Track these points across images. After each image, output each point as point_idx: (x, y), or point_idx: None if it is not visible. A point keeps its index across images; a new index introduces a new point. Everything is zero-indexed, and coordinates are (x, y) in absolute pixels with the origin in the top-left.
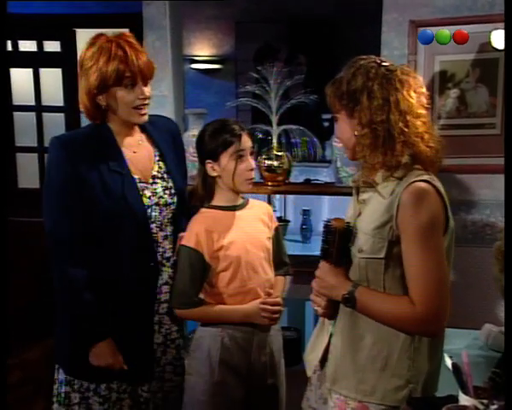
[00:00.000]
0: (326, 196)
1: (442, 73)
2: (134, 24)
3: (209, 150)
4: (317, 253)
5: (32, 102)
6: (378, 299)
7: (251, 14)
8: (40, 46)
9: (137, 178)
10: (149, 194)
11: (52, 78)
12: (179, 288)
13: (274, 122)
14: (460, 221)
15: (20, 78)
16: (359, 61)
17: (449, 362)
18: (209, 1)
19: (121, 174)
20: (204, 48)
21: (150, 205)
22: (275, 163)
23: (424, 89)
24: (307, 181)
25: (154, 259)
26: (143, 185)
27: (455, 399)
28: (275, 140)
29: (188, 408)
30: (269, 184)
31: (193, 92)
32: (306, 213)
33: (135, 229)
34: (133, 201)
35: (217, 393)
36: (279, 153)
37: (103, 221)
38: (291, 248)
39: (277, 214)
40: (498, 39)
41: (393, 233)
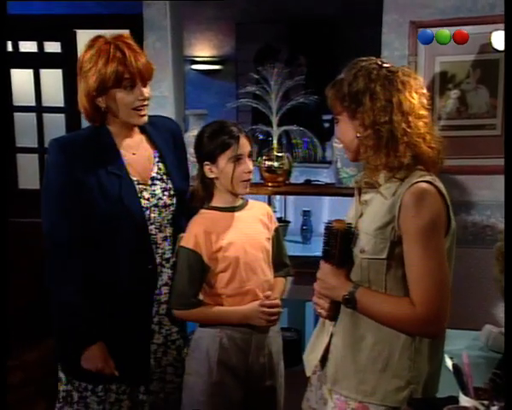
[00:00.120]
0: (326, 197)
1: (442, 74)
2: (134, 25)
3: (207, 152)
4: (318, 254)
5: (33, 103)
6: (378, 300)
7: (251, 15)
8: (41, 47)
9: (136, 180)
10: (148, 196)
11: (52, 78)
12: (178, 289)
13: (274, 123)
14: (460, 222)
15: (21, 78)
16: (360, 63)
17: (449, 363)
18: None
19: (119, 177)
20: (204, 49)
21: (149, 207)
22: (275, 164)
23: (425, 90)
24: (307, 182)
25: (153, 261)
26: (142, 187)
27: (455, 400)
28: (275, 141)
29: (187, 408)
30: (269, 185)
31: (193, 93)
32: (307, 213)
33: (133, 231)
34: (130, 203)
35: (215, 393)
36: (279, 154)
37: (101, 224)
38: (291, 248)
39: (278, 215)
40: (499, 40)
41: (395, 234)
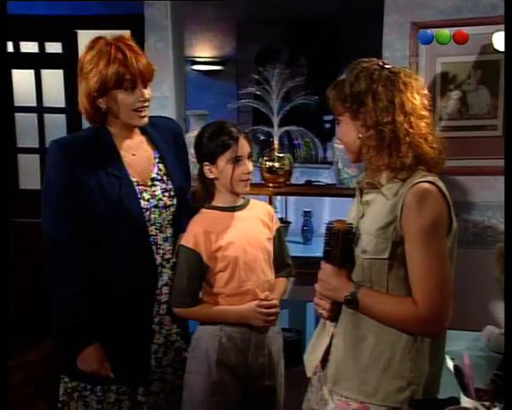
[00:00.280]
0: (327, 198)
1: (443, 75)
2: (135, 25)
3: (207, 153)
4: (319, 254)
5: (34, 104)
6: (380, 300)
7: (252, 15)
8: (42, 47)
9: (135, 181)
10: (148, 196)
11: (53, 79)
12: (177, 287)
13: (275, 123)
14: (461, 223)
15: (22, 79)
16: (361, 64)
17: (450, 364)
18: (211, 1)
19: (119, 178)
20: (205, 49)
21: (149, 207)
22: (276, 164)
23: (426, 90)
24: (308, 182)
25: (153, 262)
26: (142, 188)
27: (456, 401)
28: (276, 141)
29: (187, 406)
30: (270, 186)
31: (194, 93)
32: (307, 214)
33: (133, 232)
34: (130, 204)
35: (215, 392)
36: (280, 154)
37: (101, 224)
38: (292, 249)
39: (278, 216)
40: (500, 41)
41: (397, 234)
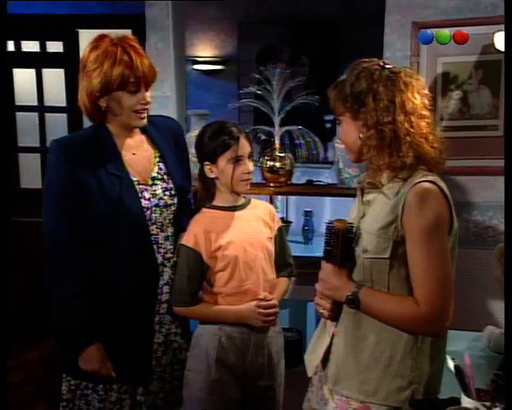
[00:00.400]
0: (328, 198)
1: (444, 75)
2: (137, 25)
3: (207, 153)
4: (319, 254)
5: (35, 103)
6: (382, 299)
7: (253, 15)
8: (43, 46)
9: (136, 180)
10: (149, 196)
11: (55, 78)
12: (178, 286)
13: (276, 123)
14: (462, 223)
15: (23, 78)
16: (362, 64)
17: (451, 364)
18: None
19: (119, 177)
20: (206, 49)
21: (150, 207)
22: (277, 164)
23: (427, 90)
24: (309, 182)
25: (154, 261)
26: (142, 187)
27: (457, 401)
28: (277, 141)
29: (187, 404)
30: (271, 185)
31: (195, 93)
32: (308, 214)
33: (133, 231)
34: (130, 203)
35: (214, 391)
36: (281, 154)
37: (101, 224)
38: (293, 249)
39: (279, 215)
40: (501, 41)
41: (398, 233)
